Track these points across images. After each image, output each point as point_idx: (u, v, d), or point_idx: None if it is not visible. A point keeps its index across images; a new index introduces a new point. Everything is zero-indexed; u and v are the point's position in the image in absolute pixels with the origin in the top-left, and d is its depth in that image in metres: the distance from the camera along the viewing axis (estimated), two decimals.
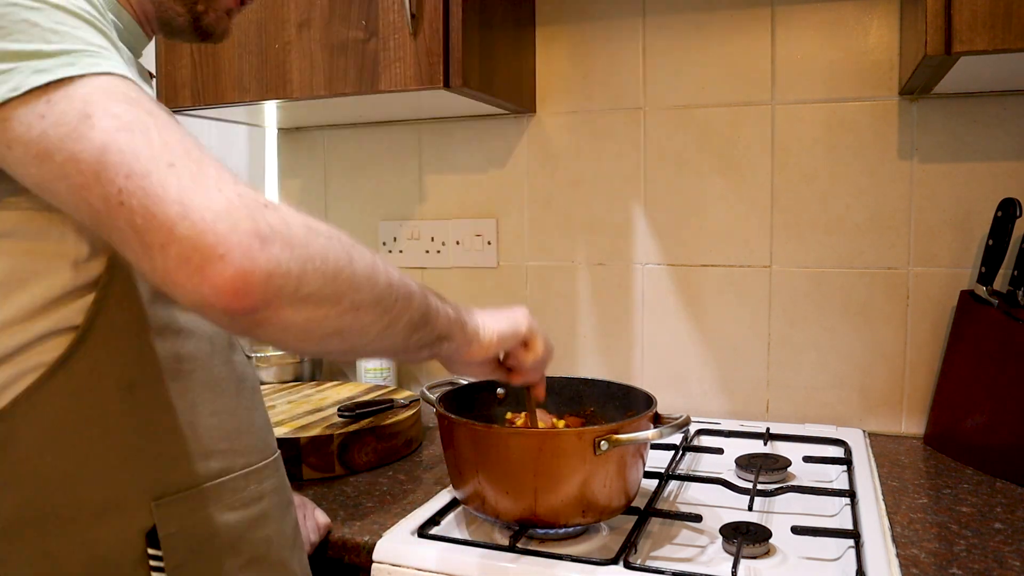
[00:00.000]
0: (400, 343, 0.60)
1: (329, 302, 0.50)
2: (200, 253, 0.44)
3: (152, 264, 0.46)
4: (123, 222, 0.45)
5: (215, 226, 0.45)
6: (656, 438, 0.80)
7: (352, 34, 1.14)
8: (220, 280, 0.45)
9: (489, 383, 1.01)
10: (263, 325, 0.47)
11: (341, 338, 0.53)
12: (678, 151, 1.32)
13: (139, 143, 0.46)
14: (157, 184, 0.45)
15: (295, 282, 0.47)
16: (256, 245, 0.46)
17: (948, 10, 0.86)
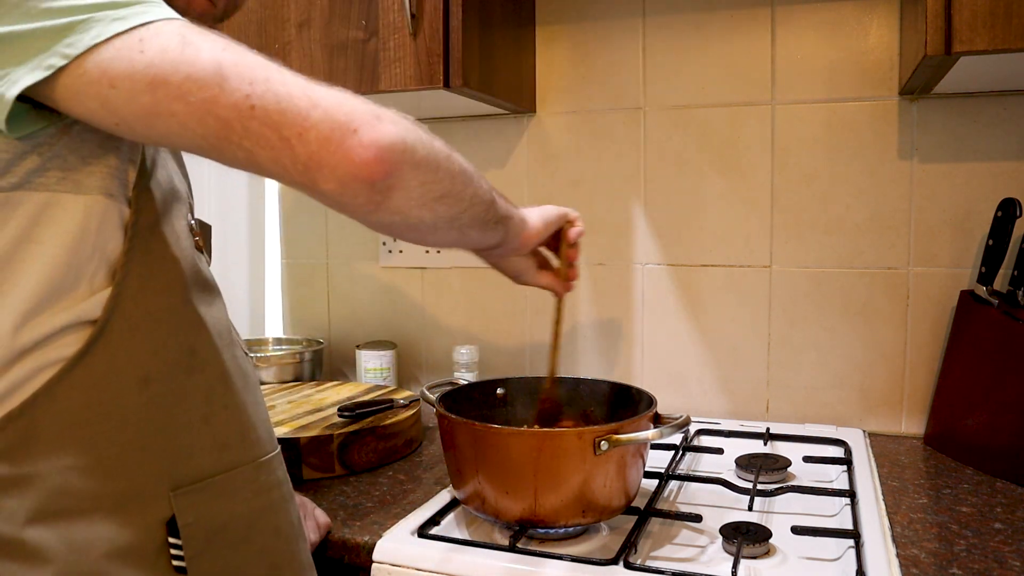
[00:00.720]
0: (482, 213, 0.69)
1: (433, 168, 0.59)
2: (339, 131, 0.51)
3: (294, 154, 0.51)
4: (258, 123, 0.51)
5: (341, 109, 0.52)
6: (656, 438, 0.80)
7: (352, 34, 1.14)
8: (361, 152, 0.52)
9: (489, 384, 1.01)
10: (396, 189, 0.55)
11: (446, 203, 0.62)
12: (678, 151, 1.32)
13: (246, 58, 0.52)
14: (279, 84, 0.51)
15: (411, 148, 0.55)
16: (376, 122, 0.53)
17: (948, 10, 0.86)
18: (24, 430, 0.54)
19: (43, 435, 0.54)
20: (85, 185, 0.56)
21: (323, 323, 1.60)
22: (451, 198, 0.62)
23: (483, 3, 1.17)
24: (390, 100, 1.22)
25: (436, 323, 1.51)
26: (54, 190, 0.55)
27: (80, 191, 0.56)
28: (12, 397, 0.54)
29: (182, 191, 0.67)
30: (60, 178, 0.55)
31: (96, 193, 0.57)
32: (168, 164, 0.66)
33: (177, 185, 0.66)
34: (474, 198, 0.66)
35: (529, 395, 1.01)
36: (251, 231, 1.62)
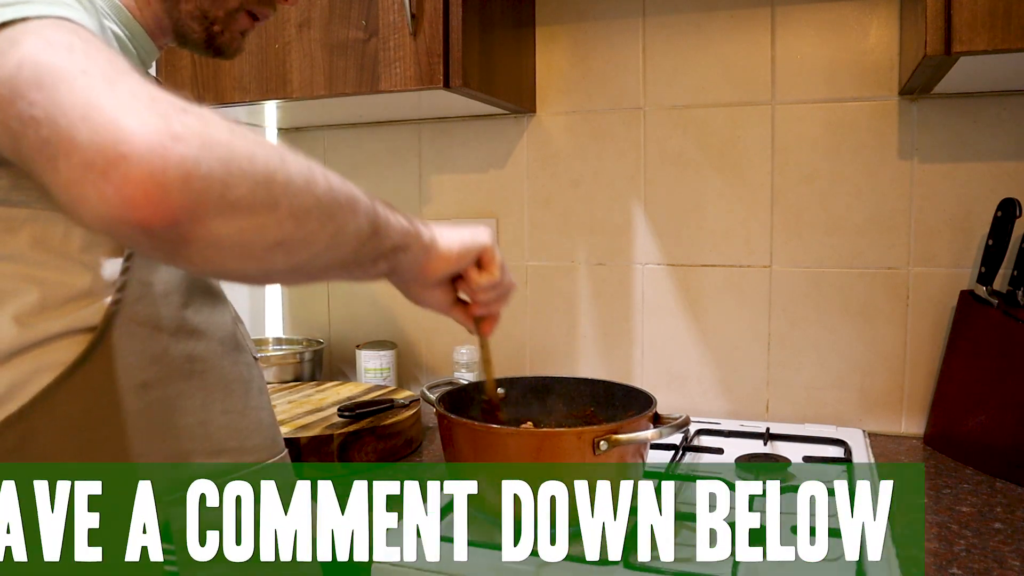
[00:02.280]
0: (351, 254, 0.54)
1: (265, 208, 0.44)
2: (102, 155, 0.39)
3: (57, 177, 0.41)
4: (32, 135, 0.41)
5: (118, 124, 0.39)
6: (655, 438, 0.80)
7: (352, 34, 1.14)
8: (128, 186, 0.39)
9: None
10: (191, 242, 0.41)
11: (285, 252, 0.47)
12: (678, 151, 1.32)
13: (58, 58, 0.43)
14: (65, 91, 0.41)
15: (220, 185, 0.41)
16: (167, 143, 0.40)
17: (948, 10, 0.86)
18: (22, 434, 0.54)
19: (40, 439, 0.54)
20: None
21: (323, 323, 1.60)
22: (295, 244, 0.47)
23: (483, 3, 1.17)
24: (390, 100, 1.23)
25: (436, 323, 1.50)
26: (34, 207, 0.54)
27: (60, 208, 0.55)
28: (11, 401, 0.54)
29: None
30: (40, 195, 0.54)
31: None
32: None
33: None
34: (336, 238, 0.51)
35: (530, 395, 1.01)
36: None
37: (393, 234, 0.59)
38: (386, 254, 0.59)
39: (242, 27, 0.73)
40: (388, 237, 0.59)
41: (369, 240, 0.56)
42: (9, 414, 0.54)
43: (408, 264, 0.63)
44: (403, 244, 0.61)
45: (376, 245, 0.57)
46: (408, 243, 0.62)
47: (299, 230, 0.47)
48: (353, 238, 0.53)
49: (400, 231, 0.60)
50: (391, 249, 0.60)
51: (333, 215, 0.50)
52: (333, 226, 0.50)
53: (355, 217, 0.53)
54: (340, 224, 0.51)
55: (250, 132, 0.46)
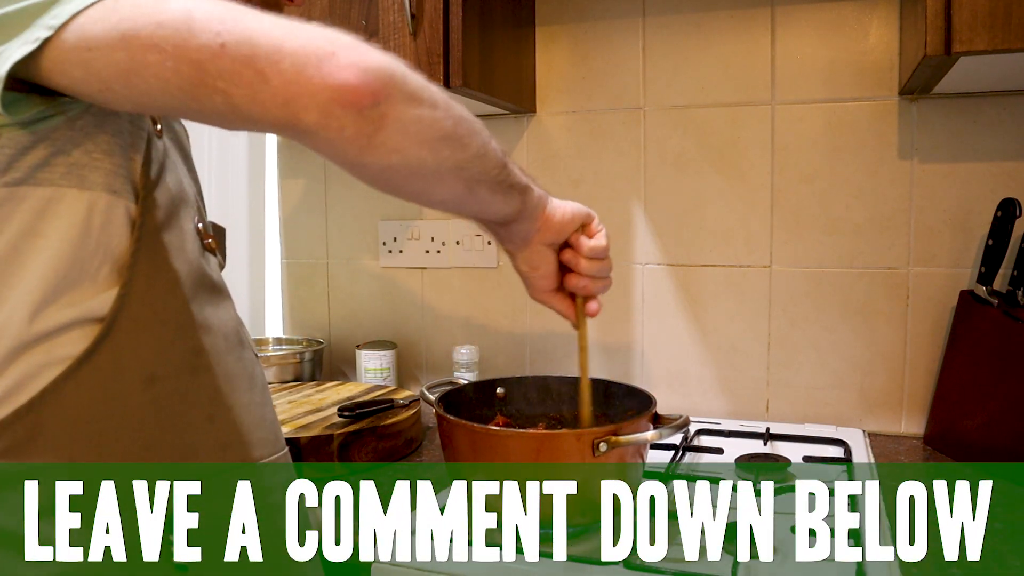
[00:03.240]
0: (494, 171, 0.64)
1: (431, 103, 0.55)
2: (316, 56, 0.48)
3: (271, 87, 0.48)
4: (229, 60, 0.48)
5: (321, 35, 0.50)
6: (655, 439, 0.80)
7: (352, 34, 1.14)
8: (340, 73, 0.49)
9: (488, 384, 1.01)
10: (387, 119, 0.51)
11: (451, 146, 0.57)
12: (678, 151, 1.32)
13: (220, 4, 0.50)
14: (252, 20, 0.49)
15: (401, 77, 0.52)
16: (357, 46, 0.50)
17: (948, 10, 0.86)
18: (30, 427, 0.54)
19: (48, 432, 0.55)
20: (89, 180, 0.56)
21: (323, 323, 1.60)
22: (455, 140, 0.58)
23: (483, 3, 1.17)
24: None
25: (436, 323, 1.51)
26: (58, 185, 0.55)
27: (84, 186, 0.56)
28: (20, 394, 0.54)
29: (191, 194, 0.67)
30: (64, 173, 0.55)
31: (100, 189, 0.57)
32: (178, 167, 0.66)
33: (186, 188, 0.66)
34: (482, 150, 0.61)
35: (529, 395, 1.01)
36: (251, 231, 1.62)
37: (516, 173, 0.69)
38: (517, 186, 0.69)
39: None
40: (516, 173, 0.68)
41: (504, 168, 0.66)
42: (18, 407, 0.54)
43: (532, 208, 0.72)
44: (527, 184, 0.71)
45: (509, 174, 0.67)
46: (531, 186, 0.71)
47: (457, 129, 0.58)
48: (493, 156, 0.63)
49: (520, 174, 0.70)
50: (521, 184, 0.69)
51: (477, 131, 0.61)
52: (479, 140, 0.61)
53: (491, 142, 0.63)
54: (483, 140, 0.62)
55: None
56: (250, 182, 1.61)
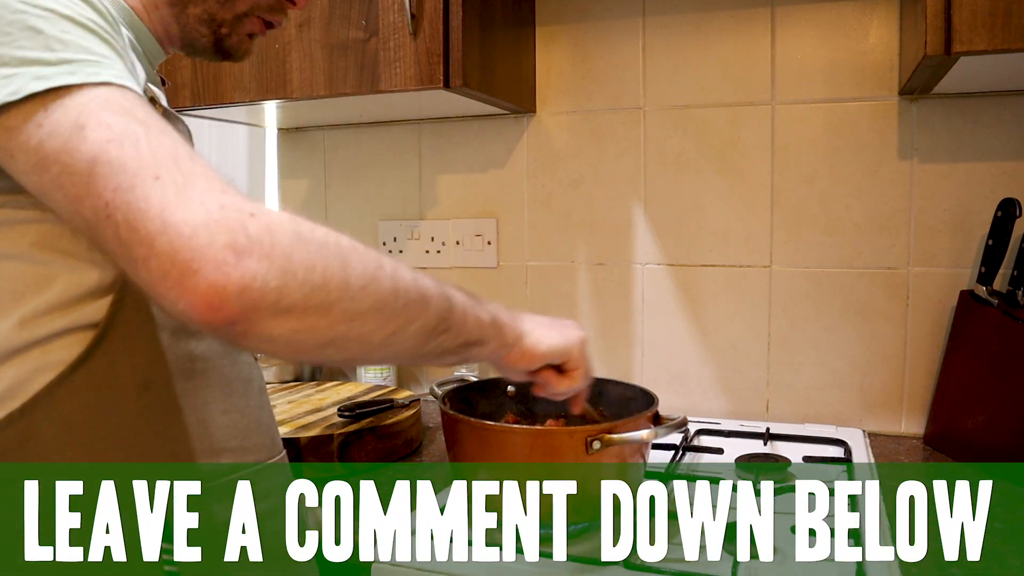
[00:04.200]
0: (412, 349, 0.57)
1: (317, 312, 0.48)
2: (177, 268, 0.45)
3: (138, 276, 0.47)
4: (110, 235, 0.46)
5: (191, 241, 0.45)
6: (650, 438, 0.80)
7: (352, 34, 1.14)
8: (195, 294, 0.45)
9: (499, 382, 1.01)
10: (246, 336, 0.47)
11: (337, 348, 0.51)
12: (678, 151, 1.32)
13: (128, 155, 0.46)
14: (141, 198, 0.45)
15: (274, 294, 0.46)
16: (231, 259, 0.45)
17: (948, 10, 0.86)
18: (24, 432, 0.54)
19: (42, 437, 0.55)
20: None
21: None
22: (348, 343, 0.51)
23: (483, 3, 1.17)
24: (390, 100, 1.23)
25: None
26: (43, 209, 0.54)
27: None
28: (13, 398, 0.54)
29: None
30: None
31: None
32: None
33: None
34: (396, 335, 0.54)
35: None
36: None
37: (469, 330, 0.61)
38: (455, 349, 0.61)
39: (250, 30, 0.73)
40: (461, 334, 0.60)
41: (436, 336, 0.58)
42: (11, 411, 0.54)
43: (482, 356, 0.66)
44: (479, 339, 0.63)
45: (443, 341, 0.59)
46: (485, 338, 0.64)
47: (352, 331, 0.51)
48: (416, 335, 0.56)
49: (477, 327, 0.62)
50: (462, 344, 0.61)
51: (395, 315, 0.53)
52: (392, 326, 0.53)
53: (422, 315, 0.56)
54: (401, 323, 0.54)
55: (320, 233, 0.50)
56: (250, 182, 1.61)
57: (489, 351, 0.66)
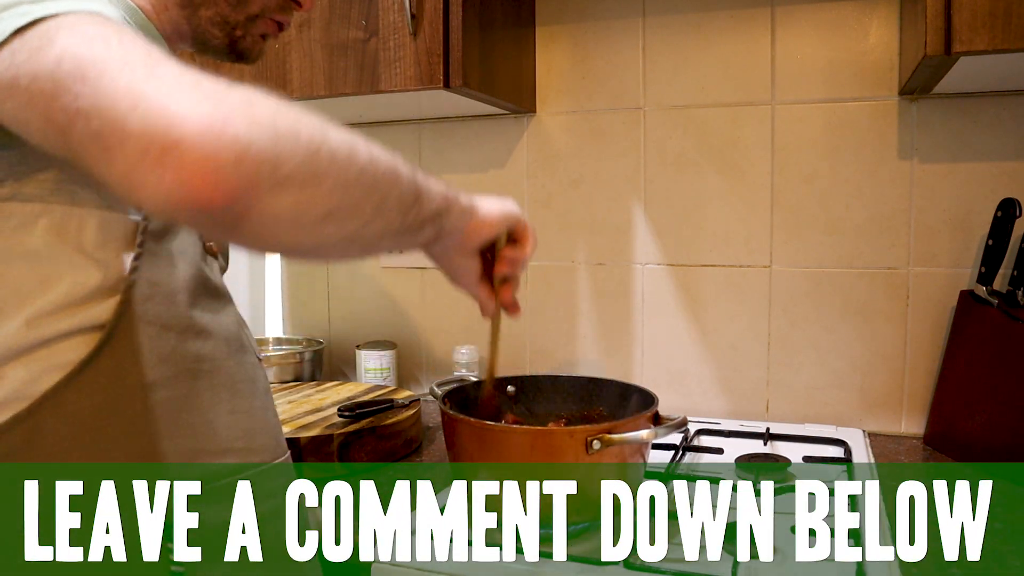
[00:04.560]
0: (396, 222, 0.55)
1: (313, 181, 0.45)
2: (156, 142, 0.40)
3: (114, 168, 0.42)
4: (81, 129, 0.42)
5: (168, 111, 0.40)
6: (650, 439, 0.80)
7: (352, 34, 1.14)
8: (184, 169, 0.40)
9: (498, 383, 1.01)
10: (247, 219, 0.42)
11: (335, 222, 0.48)
12: (678, 151, 1.32)
13: (96, 49, 0.44)
14: (109, 82, 0.42)
15: (270, 162, 0.42)
16: (218, 125, 0.40)
17: (948, 10, 0.86)
18: (29, 433, 0.54)
19: (48, 438, 0.55)
20: (80, 197, 0.56)
21: (323, 323, 1.60)
22: (343, 214, 0.48)
23: (483, 3, 1.17)
24: (390, 100, 1.23)
25: (436, 323, 1.50)
26: (47, 201, 0.55)
27: (75, 203, 0.56)
28: (19, 399, 0.54)
29: None
30: (53, 190, 0.55)
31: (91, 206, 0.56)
32: None
33: None
34: (382, 206, 0.52)
35: (540, 393, 1.01)
36: None
37: (435, 198, 0.60)
38: (431, 218, 0.60)
39: (263, 31, 0.72)
40: (431, 201, 0.59)
41: (413, 206, 0.57)
42: (17, 412, 0.54)
43: (451, 227, 0.65)
44: (445, 208, 0.62)
45: (419, 211, 0.58)
46: (450, 206, 0.63)
47: (345, 200, 0.48)
48: (397, 205, 0.54)
49: (441, 195, 0.62)
50: (435, 213, 0.61)
51: (377, 184, 0.51)
52: (378, 195, 0.51)
53: (398, 184, 0.54)
54: (384, 193, 0.52)
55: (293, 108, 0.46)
56: None
57: (454, 219, 0.65)
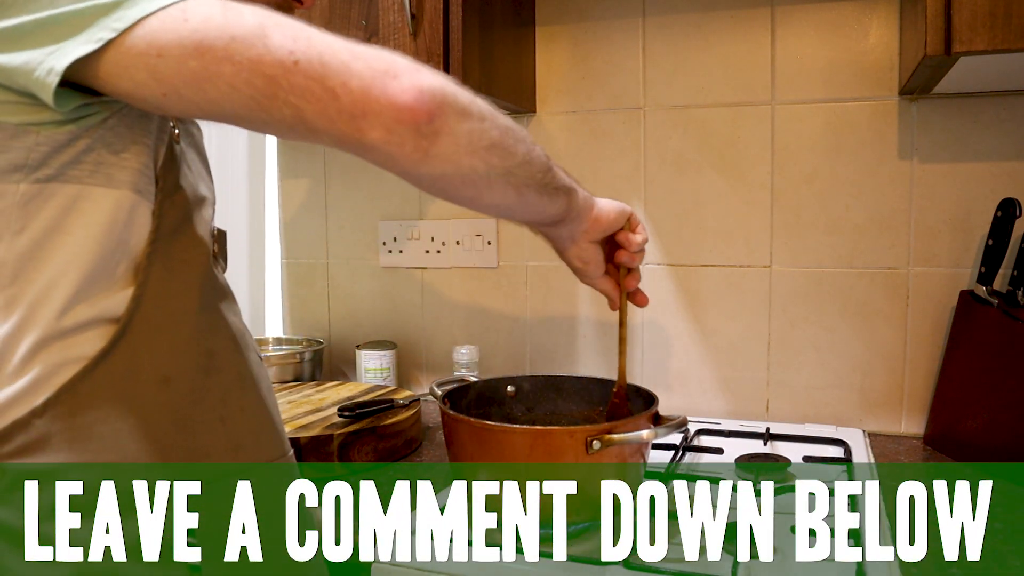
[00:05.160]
0: (540, 176, 0.67)
1: (479, 116, 0.59)
2: (381, 77, 0.53)
3: (339, 104, 0.52)
4: (302, 77, 0.52)
5: (383, 58, 0.54)
6: (650, 439, 0.80)
7: (352, 34, 1.14)
8: (403, 95, 0.53)
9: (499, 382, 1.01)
10: (442, 134, 0.55)
11: (498, 154, 0.61)
12: (678, 151, 1.32)
13: (287, 20, 0.54)
14: (321, 41, 0.53)
15: (452, 95, 0.56)
16: (416, 70, 0.55)
17: (948, 10, 0.86)
18: (46, 427, 0.54)
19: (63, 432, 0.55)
20: (116, 179, 0.57)
21: (323, 323, 1.60)
22: (502, 149, 0.62)
23: (483, 3, 1.17)
24: None
25: (436, 323, 1.51)
26: (86, 183, 0.56)
27: (111, 185, 0.57)
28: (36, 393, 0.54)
29: (208, 197, 0.68)
30: (92, 171, 0.56)
31: (126, 188, 0.58)
32: (195, 170, 0.66)
33: (202, 191, 0.67)
34: (528, 156, 0.65)
35: (540, 394, 1.01)
36: (251, 231, 1.62)
37: (562, 177, 0.72)
38: (563, 189, 0.72)
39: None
40: (559, 178, 0.71)
41: (548, 171, 0.69)
42: (34, 406, 0.54)
43: (578, 209, 0.76)
44: (571, 188, 0.74)
45: (553, 177, 0.70)
46: (575, 190, 0.75)
47: (504, 138, 0.62)
48: (539, 161, 0.67)
49: (565, 176, 0.73)
50: (565, 187, 0.72)
51: (522, 138, 0.65)
52: (524, 146, 0.65)
53: (535, 148, 0.67)
54: (528, 147, 0.65)
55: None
56: (250, 182, 1.61)
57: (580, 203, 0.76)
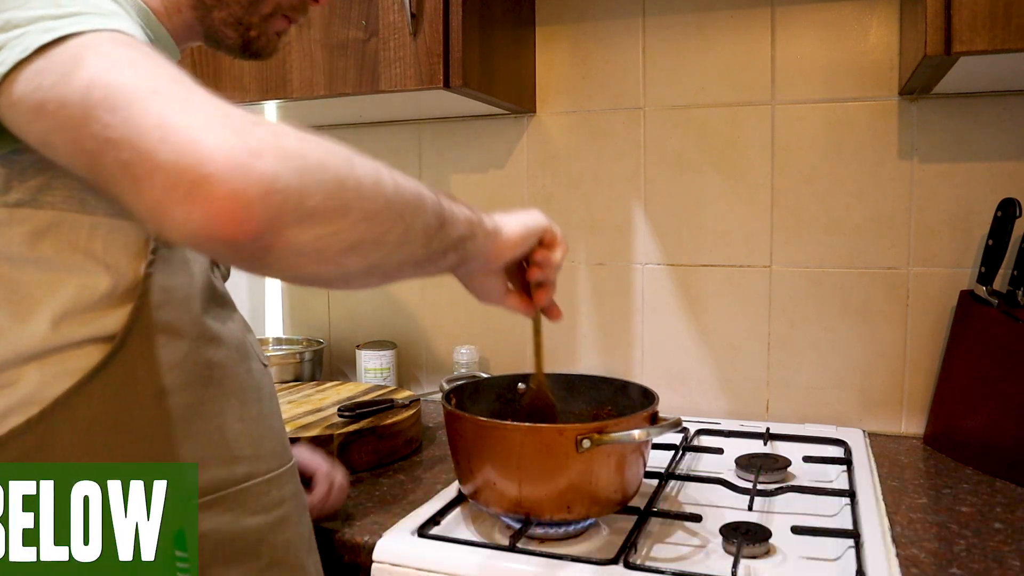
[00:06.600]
0: (421, 251, 0.56)
1: (338, 214, 0.46)
2: (186, 177, 0.40)
3: (142, 200, 0.42)
4: (111, 159, 0.42)
5: (197, 145, 0.41)
6: (641, 439, 0.79)
7: (352, 34, 1.14)
8: (212, 204, 0.40)
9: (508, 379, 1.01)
10: (271, 251, 0.43)
11: (359, 254, 0.48)
12: (678, 151, 1.32)
13: (125, 75, 0.44)
14: (139, 112, 0.42)
15: (296, 196, 0.43)
16: (245, 160, 0.41)
17: (948, 10, 0.86)
18: (41, 438, 0.54)
19: (59, 444, 0.55)
20: (91, 204, 0.56)
21: (323, 323, 1.60)
22: (367, 245, 0.49)
23: (483, 3, 1.17)
24: (390, 100, 1.23)
25: (436, 323, 1.51)
26: (59, 208, 0.55)
27: (85, 211, 0.56)
28: (32, 404, 0.54)
29: None
30: (65, 196, 0.55)
31: (101, 214, 0.56)
32: None
33: None
34: (406, 236, 0.52)
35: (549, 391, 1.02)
36: None
37: (459, 224, 0.60)
38: (454, 244, 0.60)
39: (278, 28, 0.72)
40: (455, 228, 0.60)
41: (437, 233, 0.57)
42: (29, 417, 0.54)
43: (476, 251, 0.64)
44: (469, 233, 0.62)
45: (444, 237, 0.58)
46: (474, 231, 0.63)
47: (370, 232, 0.48)
48: (422, 233, 0.55)
49: (465, 221, 0.62)
50: (458, 239, 0.61)
51: (402, 214, 0.51)
52: (402, 224, 0.52)
53: (423, 213, 0.54)
54: (409, 222, 0.52)
55: (319, 138, 0.47)
56: None
57: (479, 244, 0.65)
